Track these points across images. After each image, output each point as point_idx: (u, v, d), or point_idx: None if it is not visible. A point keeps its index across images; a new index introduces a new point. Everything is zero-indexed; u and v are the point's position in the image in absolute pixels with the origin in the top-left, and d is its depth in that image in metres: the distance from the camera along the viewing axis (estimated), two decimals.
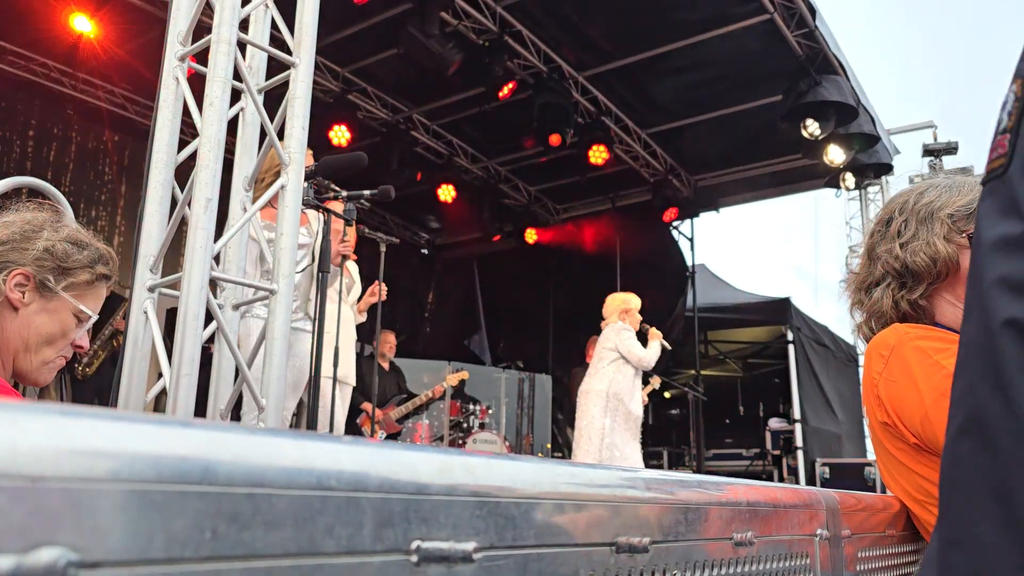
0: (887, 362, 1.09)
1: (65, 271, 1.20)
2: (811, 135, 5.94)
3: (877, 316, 1.20)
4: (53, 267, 1.18)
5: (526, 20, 5.84)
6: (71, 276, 1.21)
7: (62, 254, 1.20)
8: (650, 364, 4.72)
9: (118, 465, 0.31)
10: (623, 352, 4.68)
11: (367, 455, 0.41)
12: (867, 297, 1.22)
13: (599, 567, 0.54)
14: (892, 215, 1.22)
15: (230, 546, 0.34)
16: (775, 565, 0.74)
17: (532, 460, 0.52)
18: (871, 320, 1.22)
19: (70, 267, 1.20)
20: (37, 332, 1.18)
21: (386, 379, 5.50)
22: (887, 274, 1.19)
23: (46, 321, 1.19)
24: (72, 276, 1.21)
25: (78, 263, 1.22)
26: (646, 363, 4.70)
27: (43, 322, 1.19)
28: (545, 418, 7.85)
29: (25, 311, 1.17)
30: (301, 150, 2.18)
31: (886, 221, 1.23)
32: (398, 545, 0.41)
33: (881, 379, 1.09)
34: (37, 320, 1.18)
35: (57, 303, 1.20)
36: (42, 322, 1.19)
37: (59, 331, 1.21)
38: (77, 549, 0.29)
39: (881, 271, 1.20)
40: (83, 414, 0.32)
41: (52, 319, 1.20)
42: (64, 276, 1.20)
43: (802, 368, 7.55)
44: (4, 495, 0.28)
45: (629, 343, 4.69)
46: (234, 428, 0.37)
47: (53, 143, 6.48)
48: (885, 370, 1.08)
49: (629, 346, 4.67)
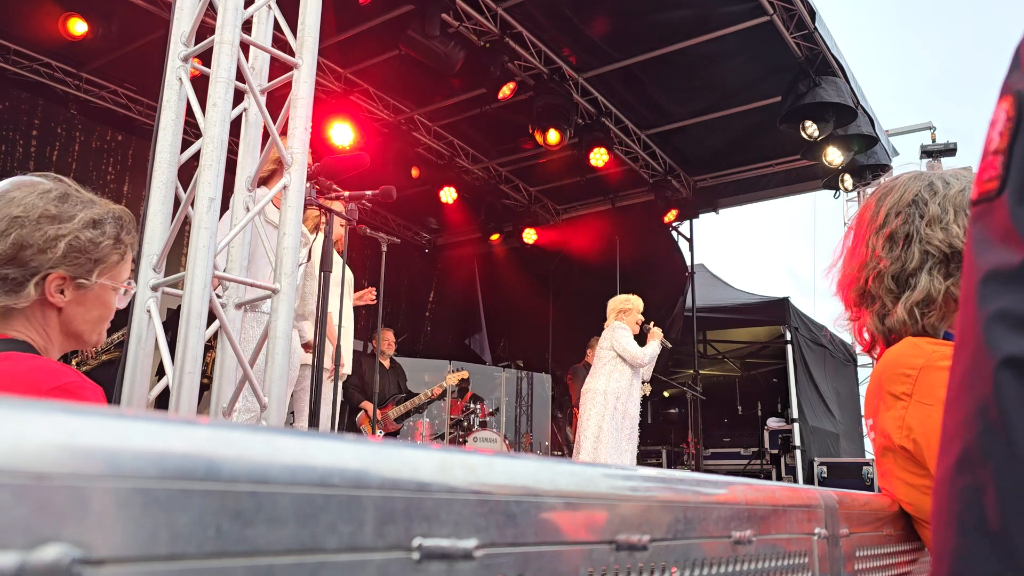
0: (916, 383, 0.99)
1: (96, 261, 1.20)
2: (810, 136, 5.94)
3: (926, 304, 1.06)
4: (85, 262, 1.18)
5: (527, 21, 5.84)
6: (103, 263, 1.21)
7: (89, 245, 1.18)
8: (643, 361, 4.69)
9: (122, 462, 0.32)
10: (618, 350, 4.68)
11: (369, 453, 0.42)
12: (907, 287, 1.07)
13: (599, 565, 0.54)
14: (919, 197, 1.10)
15: (233, 543, 0.34)
16: (773, 564, 0.74)
17: (532, 458, 0.53)
18: (916, 311, 1.06)
19: (99, 256, 1.20)
20: (83, 320, 1.21)
21: (386, 377, 5.50)
22: (929, 257, 1.07)
23: (89, 308, 1.21)
24: (103, 262, 1.21)
25: (105, 247, 1.21)
26: (639, 360, 4.67)
27: (87, 310, 1.21)
28: (544, 417, 7.86)
29: (67, 307, 1.18)
30: (304, 150, 2.18)
31: (913, 202, 1.10)
32: (400, 542, 0.41)
33: (912, 402, 0.99)
34: (80, 311, 1.20)
35: (96, 290, 1.21)
36: (86, 311, 1.20)
37: (104, 311, 1.24)
38: (81, 546, 0.30)
39: (920, 256, 1.07)
40: (87, 412, 0.32)
41: (95, 304, 1.22)
42: (96, 265, 1.20)
43: (800, 368, 7.56)
44: (9, 492, 0.28)
45: (623, 341, 4.69)
46: (237, 426, 0.37)
47: (56, 143, 6.48)
48: (916, 392, 0.98)
49: (624, 344, 4.67)
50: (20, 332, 1.16)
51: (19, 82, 6.21)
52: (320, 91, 6.38)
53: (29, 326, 1.17)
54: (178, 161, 2.13)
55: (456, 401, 6.21)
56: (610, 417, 4.56)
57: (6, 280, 1.14)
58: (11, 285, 1.14)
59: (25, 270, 1.14)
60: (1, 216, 1.15)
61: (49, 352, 1.19)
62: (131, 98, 6.77)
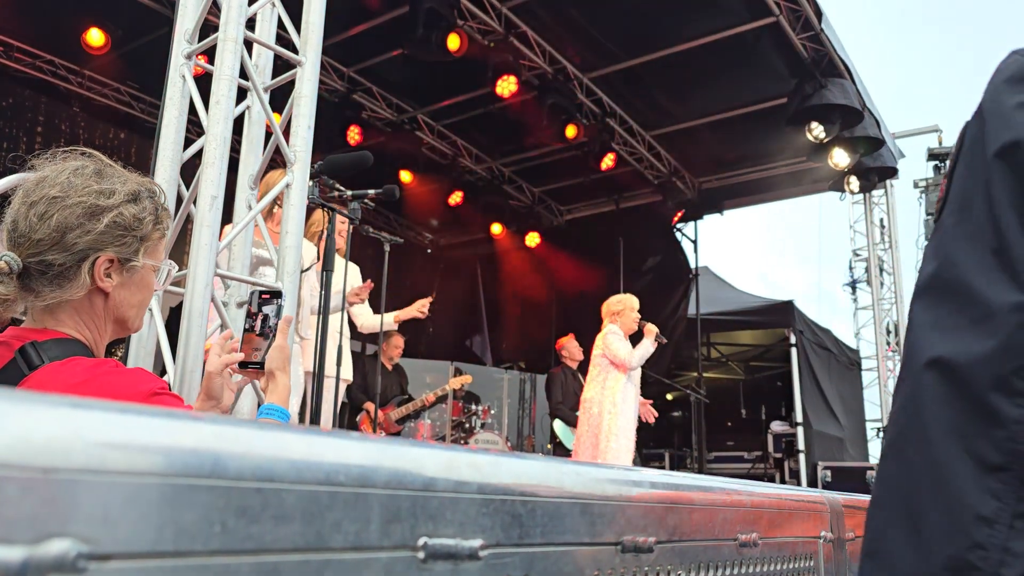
0: None
1: (142, 239, 1.13)
2: (816, 138, 5.93)
3: None
4: (131, 240, 1.11)
5: (532, 21, 5.85)
6: (147, 240, 1.14)
7: (133, 222, 1.11)
8: (630, 363, 4.49)
9: (128, 457, 0.31)
10: (608, 356, 4.56)
11: (375, 451, 0.41)
12: None
13: (604, 566, 0.54)
14: None
15: (239, 540, 0.34)
16: (779, 567, 0.74)
17: (538, 458, 0.52)
18: None
19: (144, 233, 1.13)
20: (129, 305, 1.15)
21: (388, 378, 5.50)
22: None
23: (134, 292, 1.15)
24: (147, 240, 1.14)
25: (148, 223, 1.13)
26: (627, 362, 4.47)
27: (132, 294, 1.14)
28: (546, 419, 7.85)
29: (114, 291, 1.11)
30: (307, 149, 2.18)
31: None
32: (405, 541, 0.41)
33: None
34: (126, 295, 1.13)
35: (141, 272, 1.14)
36: (131, 294, 1.14)
37: (147, 294, 1.18)
38: (87, 541, 0.29)
39: None
40: (94, 406, 0.32)
41: (140, 286, 1.15)
42: (142, 244, 1.13)
43: (804, 371, 7.54)
44: (15, 486, 0.28)
45: (613, 345, 4.55)
46: (243, 422, 0.37)
47: (60, 140, 6.50)
48: None
49: (614, 349, 4.53)
50: (70, 327, 1.08)
51: (22, 79, 6.23)
52: (323, 89, 6.39)
53: (78, 319, 1.09)
54: (180, 159, 2.14)
55: (457, 403, 6.21)
56: (607, 426, 4.48)
57: (52, 268, 1.05)
58: (58, 273, 1.05)
59: (72, 254, 1.05)
60: (38, 198, 1.06)
61: (99, 345, 1.12)
62: (134, 96, 6.79)
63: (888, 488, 0.50)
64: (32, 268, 1.05)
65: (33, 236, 1.05)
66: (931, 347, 0.48)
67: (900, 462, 0.50)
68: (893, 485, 0.50)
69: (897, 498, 0.49)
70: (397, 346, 5.56)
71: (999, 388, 0.45)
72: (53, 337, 1.06)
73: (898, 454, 0.50)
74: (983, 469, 0.45)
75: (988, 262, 0.47)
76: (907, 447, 0.49)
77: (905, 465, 0.49)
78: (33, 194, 1.07)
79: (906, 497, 0.48)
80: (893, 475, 0.50)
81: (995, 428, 0.45)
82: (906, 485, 0.48)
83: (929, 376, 0.48)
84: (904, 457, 0.49)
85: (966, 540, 0.44)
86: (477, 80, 6.19)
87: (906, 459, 0.49)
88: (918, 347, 0.50)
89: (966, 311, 0.47)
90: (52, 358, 1.02)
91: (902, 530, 0.48)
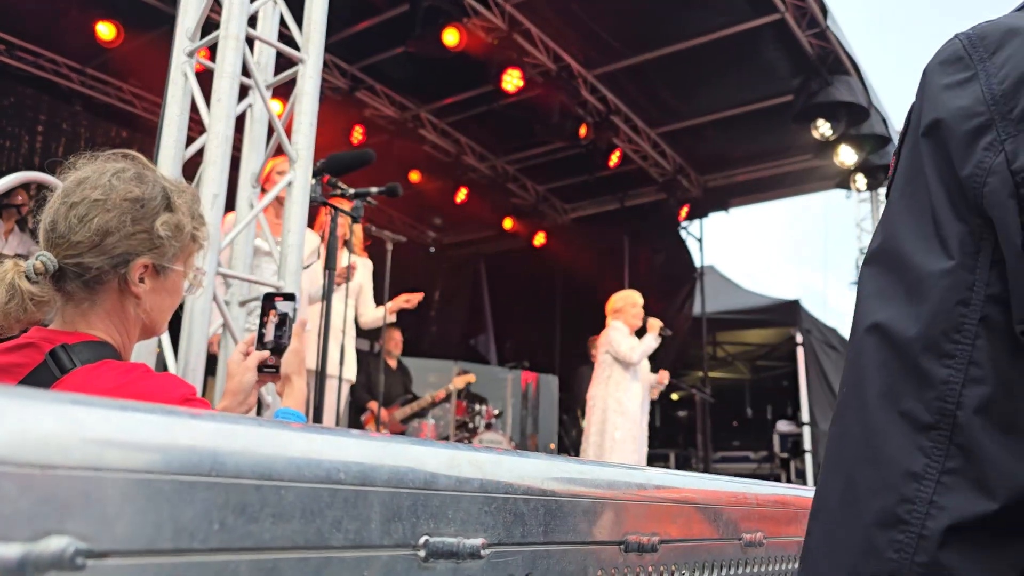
0: None
1: (179, 246, 1.12)
2: (822, 136, 5.90)
3: None
4: (169, 247, 1.10)
5: (535, 18, 5.83)
6: (184, 248, 1.14)
7: (173, 229, 1.10)
8: (632, 358, 4.50)
9: (127, 454, 0.31)
10: (611, 352, 4.57)
11: (375, 449, 0.41)
12: None
13: (608, 565, 0.53)
14: None
15: (238, 538, 0.34)
16: (785, 567, 0.73)
17: (541, 456, 0.52)
18: None
19: (182, 241, 1.13)
20: (159, 309, 1.14)
21: (392, 378, 5.51)
22: None
23: (165, 297, 1.14)
24: (184, 247, 1.14)
25: (183, 226, 1.13)
26: (628, 357, 4.48)
27: (163, 299, 1.14)
28: (551, 419, 7.83)
29: (146, 296, 1.11)
30: (309, 146, 2.18)
31: None
32: (406, 540, 0.41)
33: None
34: (157, 300, 1.13)
35: (172, 277, 1.14)
36: (162, 299, 1.14)
37: (176, 299, 1.17)
38: (85, 538, 0.29)
39: None
40: (94, 403, 0.32)
41: (171, 291, 1.15)
42: (180, 250, 1.13)
43: (811, 371, 7.51)
44: (13, 482, 0.28)
45: (615, 341, 4.56)
46: (243, 419, 0.37)
47: (61, 138, 6.52)
48: None
49: (616, 345, 4.54)
50: (100, 330, 1.07)
51: (24, 77, 6.25)
52: (326, 87, 6.39)
53: (109, 322, 1.09)
54: (182, 157, 2.14)
55: (461, 402, 6.21)
56: (612, 424, 4.49)
57: (89, 271, 1.04)
58: (94, 276, 1.05)
59: (110, 259, 1.05)
60: (79, 199, 1.05)
61: (127, 348, 1.12)
62: (135, 94, 6.80)
63: (831, 450, 0.53)
64: (68, 270, 1.05)
65: (72, 238, 1.04)
66: (872, 314, 0.51)
67: (842, 425, 0.52)
68: (835, 447, 0.52)
69: (838, 459, 0.51)
70: (395, 339, 5.57)
71: (929, 350, 0.47)
72: (83, 340, 1.05)
73: (839, 418, 0.52)
74: (915, 428, 0.47)
75: (924, 232, 0.50)
76: (847, 411, 0.51)
77: (845, 427, 0.51)
78: (74, 195, 1.06)
79: (845, 458, 0.50)
80: (835, 438, 0.53)
81: (926, 389, 0.47)
82: (846, 447, 0.51)
83: (868, 341, 0.51)
84: (845, 421, 0.51)
85: (895, 495, 0.47)
86: (480, 77, 6.18)
87: (846, 422, 0.51)
88: (861, 315, 0.52)
89: (904, 280, 0.50)
90: (83, 361, 1.02)
91: (838, 489, 0.50)
